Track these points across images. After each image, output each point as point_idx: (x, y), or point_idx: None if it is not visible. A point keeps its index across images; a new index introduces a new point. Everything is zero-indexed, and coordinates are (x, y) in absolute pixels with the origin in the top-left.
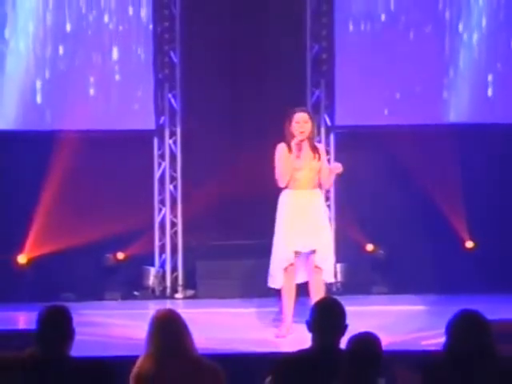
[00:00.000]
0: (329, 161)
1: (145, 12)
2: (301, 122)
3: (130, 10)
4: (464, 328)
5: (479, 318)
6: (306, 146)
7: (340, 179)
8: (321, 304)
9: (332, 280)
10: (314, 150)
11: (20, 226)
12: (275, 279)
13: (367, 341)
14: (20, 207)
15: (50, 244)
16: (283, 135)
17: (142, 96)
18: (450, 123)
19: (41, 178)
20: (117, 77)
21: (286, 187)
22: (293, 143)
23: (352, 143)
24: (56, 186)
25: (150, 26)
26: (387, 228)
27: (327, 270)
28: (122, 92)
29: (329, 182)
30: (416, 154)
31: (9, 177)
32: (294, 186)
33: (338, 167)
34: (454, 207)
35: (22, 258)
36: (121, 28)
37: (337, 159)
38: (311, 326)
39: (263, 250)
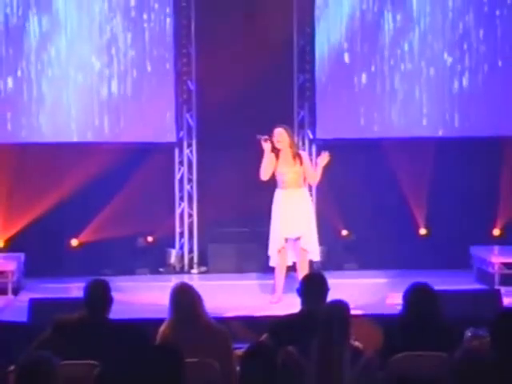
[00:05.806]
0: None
1: (167, 51)
2: (276, 135)
3: (156, 51)
4: (417, 296)
5: (428, 288)
6: (288, 154)
7: (321, 178)
8: (309, 276)
9: (318, 259)
10: (296, 157)
11: (80, 217)
12: (272, 259)
13: (338, 306)
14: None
15: (97, 232)
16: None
17: (167, 116)
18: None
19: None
20: (147, 102)
21: (277, 187)
22: (262, 142)
23: (330, 152)
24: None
25: (172, 62)
26: (359, 218)
27: (313, 251)
28: (152, 113)
29: (315, 176)
30: (380, 159)
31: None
32: (283, 187)
33: (324, 157)
34: (416, 202)
35: (74, 242)
36: (149, 68)
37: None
38: (300, 293)
39: (261, 236)
